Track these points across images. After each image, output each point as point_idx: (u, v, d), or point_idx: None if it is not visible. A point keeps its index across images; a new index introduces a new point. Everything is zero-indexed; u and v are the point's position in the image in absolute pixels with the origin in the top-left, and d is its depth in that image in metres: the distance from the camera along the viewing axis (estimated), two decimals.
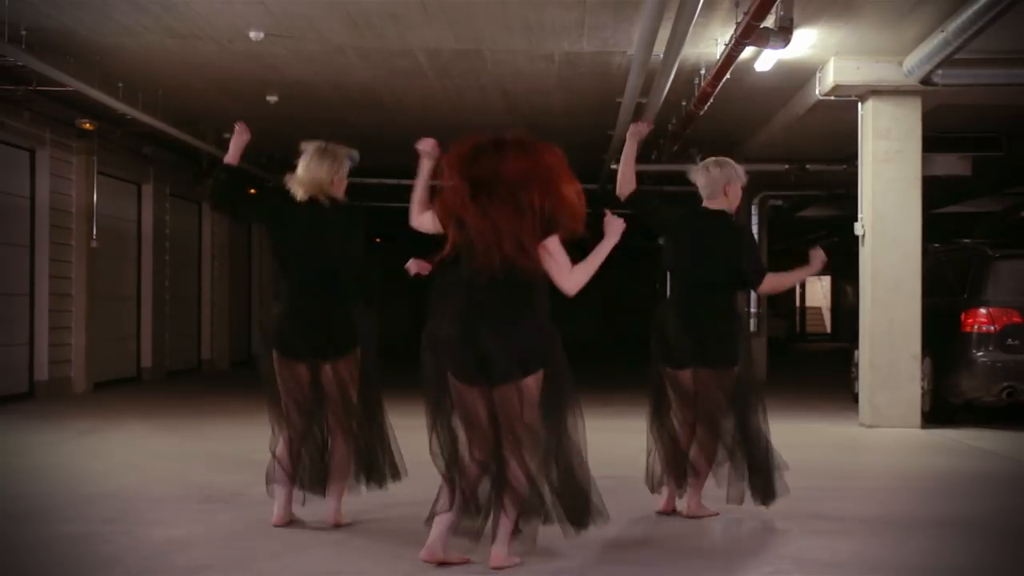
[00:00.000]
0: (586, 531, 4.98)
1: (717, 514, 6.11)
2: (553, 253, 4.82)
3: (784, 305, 33.58)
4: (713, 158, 6.31)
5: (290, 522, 5.81)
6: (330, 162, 5.81)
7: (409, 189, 5.34)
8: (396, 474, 5.93)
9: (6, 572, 4.93)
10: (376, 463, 5.87)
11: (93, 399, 13.13)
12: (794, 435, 10.09)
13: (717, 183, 6.15)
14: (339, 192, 5.86)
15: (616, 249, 5.07)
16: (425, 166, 5.22)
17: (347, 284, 5.83)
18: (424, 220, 5.15)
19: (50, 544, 5.36)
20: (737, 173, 6.18)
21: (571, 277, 4.84)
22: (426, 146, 5.21)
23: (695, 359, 6.00)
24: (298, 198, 5.79)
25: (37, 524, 5.83)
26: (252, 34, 9.95)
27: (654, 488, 6.18)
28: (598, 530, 5.19)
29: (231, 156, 5.88)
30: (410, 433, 5.91)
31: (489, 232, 4.76)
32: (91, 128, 13.30)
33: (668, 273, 6.17)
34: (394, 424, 5.97)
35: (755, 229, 17.71)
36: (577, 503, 4.91)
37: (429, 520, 4.96)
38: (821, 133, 13.57)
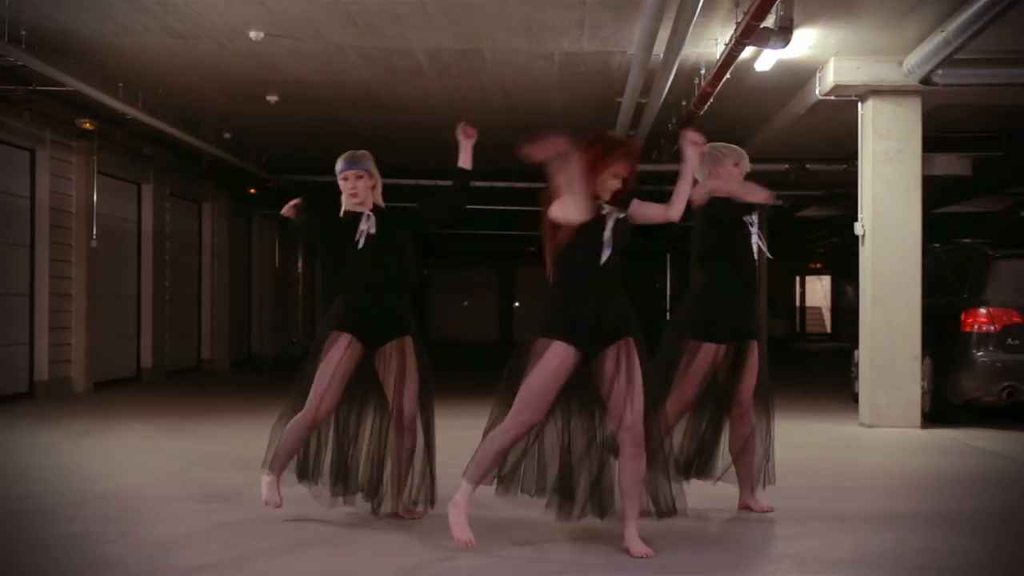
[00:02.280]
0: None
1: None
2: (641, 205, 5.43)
3: (784, 305, 33.57)
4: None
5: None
6: None
7: (409, 189, 5.38)
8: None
9: (6, 572, 4.92)
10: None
11: (93, 399, 13.13)
12: (794, 435, 10.09)
13: (703, 170, 6.26)
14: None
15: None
16: None
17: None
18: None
19: (50, 544, 5.36)
20: (719, 154, 6.27)
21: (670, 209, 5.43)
22: None
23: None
24: None
25: (37, 524, 5.83)
26: (252, 34, 9.95)
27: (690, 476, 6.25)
28: (594, 526, 5.21)
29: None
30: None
31: None
32: (91, 128, 13.30)
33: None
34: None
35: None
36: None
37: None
38: (821, 133, 13.58)
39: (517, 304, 33.84)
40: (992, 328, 10.55)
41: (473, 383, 10.73)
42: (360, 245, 5.90)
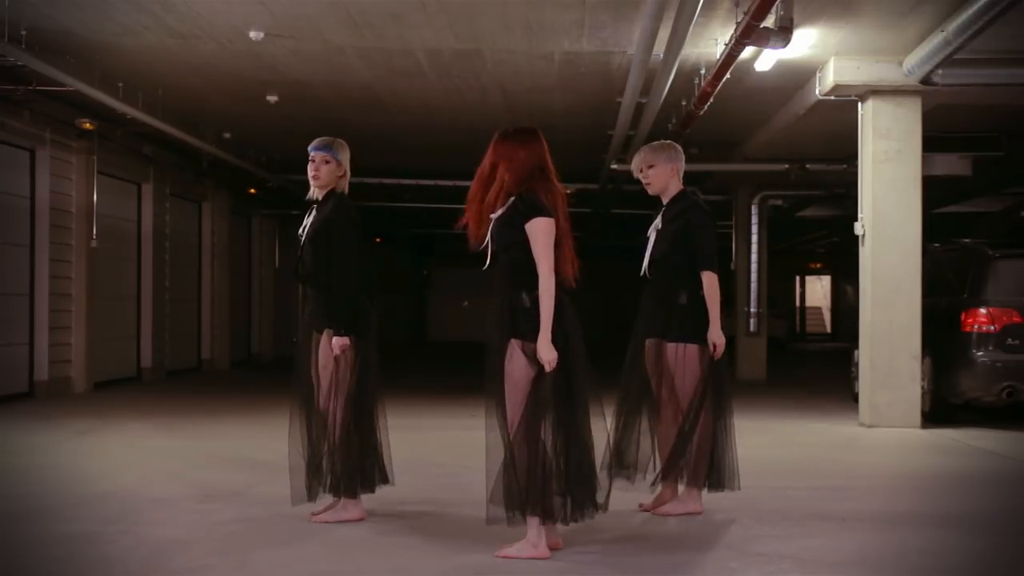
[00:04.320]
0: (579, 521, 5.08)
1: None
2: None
3: (784, 305, 33.56)
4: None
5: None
6: None
7: (409, 189, 5.37)
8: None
9: (6, 572, 4.93)
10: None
11: (93, 399, 13.13)
12: (794, 435, 10.10)
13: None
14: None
15: (617, 249, 5.18)
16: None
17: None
18: None
19: (50, 544, 5.36)
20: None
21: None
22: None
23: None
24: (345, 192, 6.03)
25: (37, 524, 5.83)
26: (252, 34, 9.95)
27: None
28: (593, 526, 5.20)
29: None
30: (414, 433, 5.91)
31: None
32: (91, 128, 13.30)
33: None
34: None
35: (755, 229, 17.70)
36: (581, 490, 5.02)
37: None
38: (821, 133, 13.57)
39: None
40: (992, 328, 10.55)
41: (472, 382, 10.72)
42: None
